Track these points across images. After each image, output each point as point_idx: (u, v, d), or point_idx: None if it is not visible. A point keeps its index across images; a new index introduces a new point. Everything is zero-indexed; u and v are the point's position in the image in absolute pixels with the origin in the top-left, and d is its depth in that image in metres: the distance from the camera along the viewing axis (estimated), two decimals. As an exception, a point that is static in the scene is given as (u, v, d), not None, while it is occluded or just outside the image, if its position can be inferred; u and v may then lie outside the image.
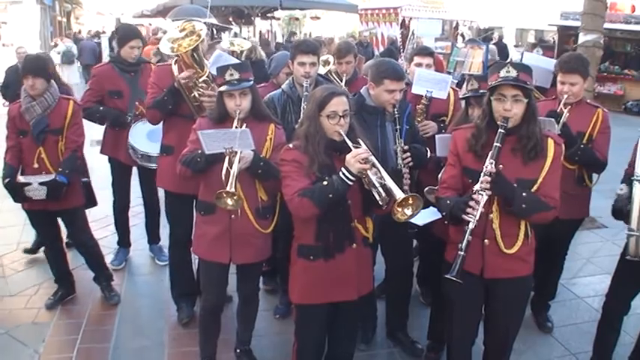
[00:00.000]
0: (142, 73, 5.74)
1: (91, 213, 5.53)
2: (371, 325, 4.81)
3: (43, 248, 5.79)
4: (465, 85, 4.55)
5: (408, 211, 3.25)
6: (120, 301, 5.42)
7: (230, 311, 4.89)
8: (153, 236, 6.41)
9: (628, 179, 3.87)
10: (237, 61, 4.25)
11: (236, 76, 3.79)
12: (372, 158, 3.28)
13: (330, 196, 3.25)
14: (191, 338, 4.69)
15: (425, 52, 5.30)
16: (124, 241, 6.34)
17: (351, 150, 3.29)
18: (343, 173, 3.24)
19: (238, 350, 4.48)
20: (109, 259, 6.06)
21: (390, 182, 3.25)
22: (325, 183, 3.28)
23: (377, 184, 3.25)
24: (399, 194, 3.20)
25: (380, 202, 3.29)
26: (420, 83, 4.68)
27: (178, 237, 4.96)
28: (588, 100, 4.87)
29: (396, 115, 4.16)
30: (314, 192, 3.29)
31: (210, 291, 4.20)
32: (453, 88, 5.09)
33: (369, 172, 3.25)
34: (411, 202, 3.23)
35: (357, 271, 3.59)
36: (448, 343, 3.95)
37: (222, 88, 3.83)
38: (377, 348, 4.77)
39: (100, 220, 6.94)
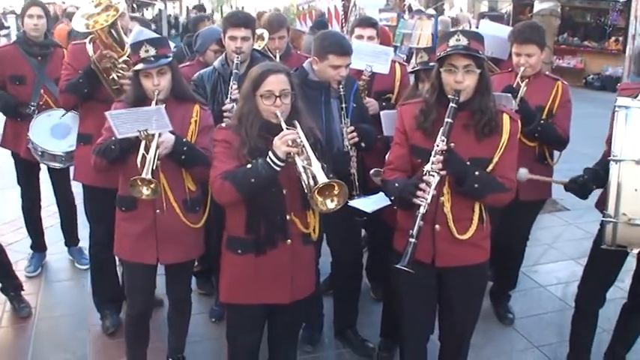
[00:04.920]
0: (52, 58, 5.54)
1: (-1, 215, 5.37)
2: (317, 325, 4.80)
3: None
4: (413, 58, 4.54)
5: (331, 204, 3.18)
6: (32, 312, 5.27)
7: (160, 316, 4.79)
8: (71, 238, 6.27)
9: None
10: (153, 36, 4.14)
11: (152, 52, 3.71)
12: (303, 141, 3.22)
13: (253, 180, 3.20)
14: (117, 349, 4.59)
15: (366, 22, 5.22)
16: (37, 245, 6.18)
17: None
18: (270, 157, 3.19)
19: (171, 359, 4.41)
20: (22, 265, 5.94)
21: (315, 167, 3.16)
22: (249, 166, 3.23)
23: (301, 170, 3.21)
24: (322, 179, 3.11)
25: (305, 191, 3.23)
26: (358, 57, 4.56)
27: (100, 236, 4.84)
28: (547, 73, 4.93)
29: (342, 93, 4.14)
30: (236, 175, 3.24)
31: (136, 296, 4.11)
32: (399, 63, 5.08)
33: (296, 156, 3.20)
34: (335, 191, 3.16)
35: (291, 271, 3.53)
36: (400, 340, 3.96)
37: (138, 67, 3.74)
38: (324, 349, 4.78)
39: (10, 222, 6.79)
